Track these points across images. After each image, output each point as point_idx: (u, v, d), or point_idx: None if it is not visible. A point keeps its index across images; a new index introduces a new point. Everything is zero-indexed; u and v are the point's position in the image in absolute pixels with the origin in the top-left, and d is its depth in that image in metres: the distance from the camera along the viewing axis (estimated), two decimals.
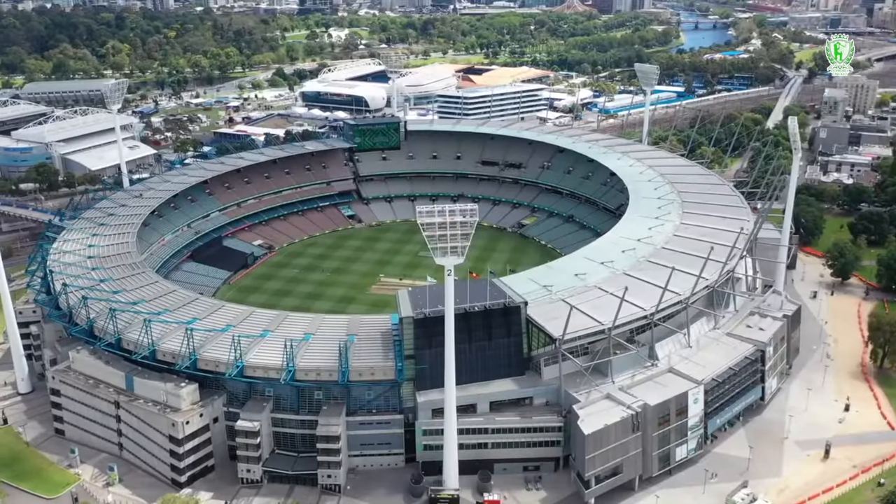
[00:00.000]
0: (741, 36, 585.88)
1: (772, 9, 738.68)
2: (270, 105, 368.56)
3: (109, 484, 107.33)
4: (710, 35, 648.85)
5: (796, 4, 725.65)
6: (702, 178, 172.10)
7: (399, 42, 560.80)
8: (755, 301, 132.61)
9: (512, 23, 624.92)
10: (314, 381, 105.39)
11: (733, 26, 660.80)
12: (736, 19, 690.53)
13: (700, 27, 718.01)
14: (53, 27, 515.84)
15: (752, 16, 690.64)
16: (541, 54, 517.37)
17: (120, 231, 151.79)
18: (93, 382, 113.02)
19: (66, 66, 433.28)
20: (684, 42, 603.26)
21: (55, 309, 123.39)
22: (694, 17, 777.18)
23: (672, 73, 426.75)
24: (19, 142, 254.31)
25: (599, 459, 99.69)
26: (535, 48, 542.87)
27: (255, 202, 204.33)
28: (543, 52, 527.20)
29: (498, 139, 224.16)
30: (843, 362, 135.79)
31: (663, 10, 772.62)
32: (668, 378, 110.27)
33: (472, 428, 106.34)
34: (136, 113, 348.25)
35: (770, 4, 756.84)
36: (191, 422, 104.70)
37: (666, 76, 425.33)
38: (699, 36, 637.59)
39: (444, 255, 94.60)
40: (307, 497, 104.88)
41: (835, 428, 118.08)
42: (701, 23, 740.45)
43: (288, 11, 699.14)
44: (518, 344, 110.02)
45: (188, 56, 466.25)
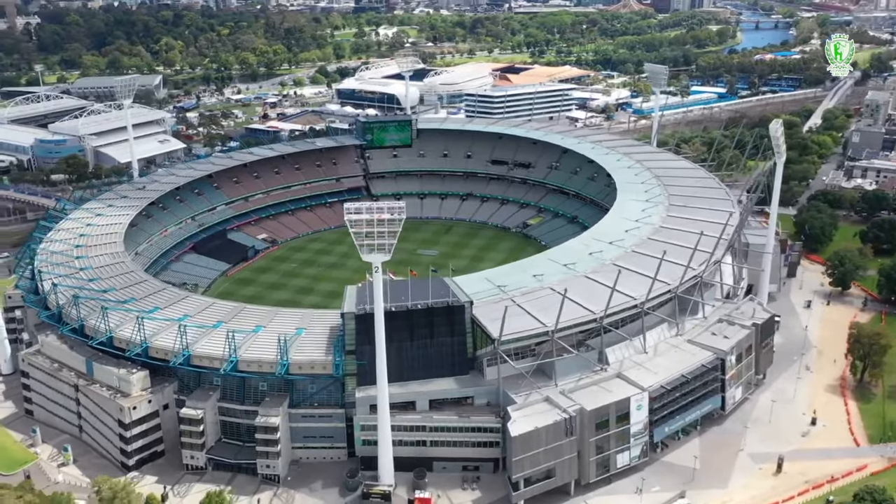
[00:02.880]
0: (801, 36, 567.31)
1: (837, 8, 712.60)
2: (307, 102, 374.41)
3: (63, 464, 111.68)
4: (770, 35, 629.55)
5: (864, 3, 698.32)
6: (699, 181, 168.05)
7: (447, 41, 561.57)
8: (727, 308, 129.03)
9: (563, 21, 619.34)
10: (256, 371, 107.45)
11: (795, 26, 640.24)
12: (798, 18, 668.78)
13: (761, 27, 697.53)
14: (114, 24, 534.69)
15: (815, 15, 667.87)
16: (587, 54, 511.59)
17: (111, 222, 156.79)
18: (58, 366, 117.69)
19: (120, 63, 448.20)
20: (740, 42, 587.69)
21: (33, 293, 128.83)
22: (756, 17, 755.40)
23: (718, 74, 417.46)
24: (55, 134, 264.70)
25: (528, 462, 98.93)
26: (583, 47, 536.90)
27: (262, 197, 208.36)
28: (591, 51, 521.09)
29: (509, 138, 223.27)
30: (823, 374, 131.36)
31: (723, 10, 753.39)
32: (615, 383, 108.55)
33: (410, 425, 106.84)
34: (177, 108, 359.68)
35: (836, 3, 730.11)
36: (138, 407, 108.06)
37: (712, 77, 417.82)
38: (758, 36, 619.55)
39: (370, 251, 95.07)
40: (247, 486, 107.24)
41: (797, 442, 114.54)
42: (762, 22, 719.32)
43: (343, 10, 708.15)
44: (462, 343, 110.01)
45: (237, 53, 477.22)
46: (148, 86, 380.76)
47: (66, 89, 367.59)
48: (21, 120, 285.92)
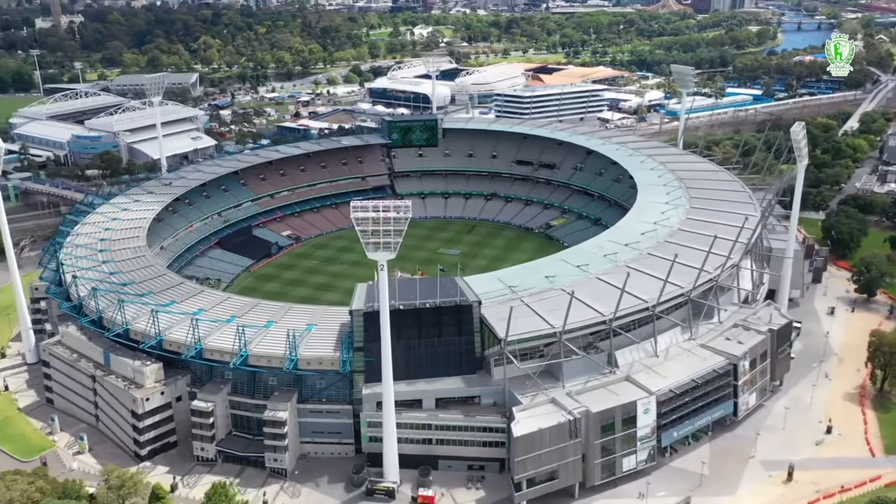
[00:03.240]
0: None
1: (883, 9, 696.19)
2: (339, 101, 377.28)
3: (79, 452, 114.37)
4: (813, 36, 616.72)
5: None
6: (722, 184, 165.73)
7: (482, 41, 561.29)
8: (743, 313, 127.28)
9: (600, 22, 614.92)
10: (265, 366, 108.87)
11: (838, 27, 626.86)
12: (842, 20, 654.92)
13: (803, 28, 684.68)
14: (155, 23, 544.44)
15: (860, 16, 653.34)
16: (623, 54, 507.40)
17: (136, 217, 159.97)
18: (77, 356, 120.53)
19: (159, 61, 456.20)
20: (781, 43, 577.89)
21: (56, 285, 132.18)
22: (798, 18, 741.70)
23: (755, 76, 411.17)
24: (91, 130, 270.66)
25: (531, 463, 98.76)
26: (619, 48, 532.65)
27: (288, 194, 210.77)
28: (626, 51, 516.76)
29: (534, 139, 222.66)
30: (842, 383, 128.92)
31: (764, 10, 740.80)
32: (623, 386, 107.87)
33: (416, 423, 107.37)
34: (211, 105, 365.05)
35: (882, 4, 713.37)
36: (151, 398, 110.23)
37: (749, 78, 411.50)
38: (799, 37, 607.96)
39: (376, 250, 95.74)
40: (255, 479, 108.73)
41: (810, 450, 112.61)
42: (805, 23, 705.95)
43: (380, 9, 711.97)
44: (470, 343, 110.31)
45: (273, 52, 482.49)
46: (184, 83, 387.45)
47: (106, 86, 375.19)
48: (59, 116, 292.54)
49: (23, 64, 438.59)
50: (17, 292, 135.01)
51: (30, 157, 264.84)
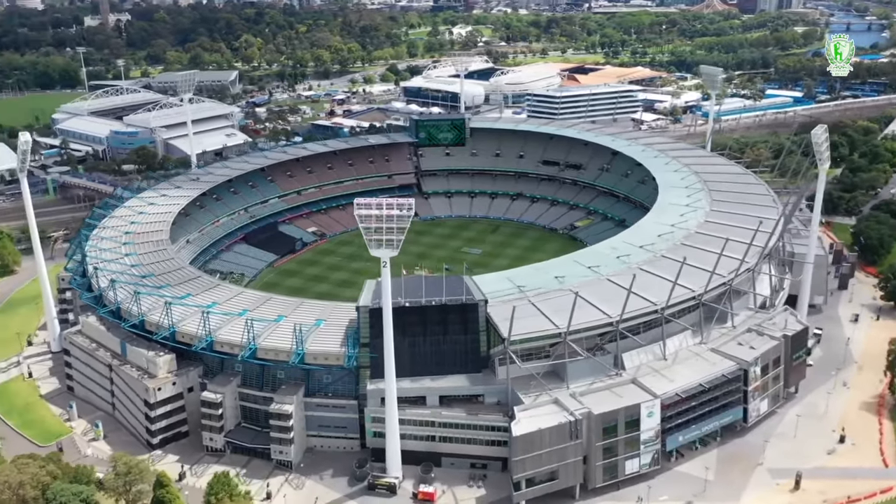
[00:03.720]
0: (894, 38, 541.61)
1: None
2: (374, 99, 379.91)
3: (94, 439, 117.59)
4: (862, 37, 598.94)
5: None
6: (747, 187, 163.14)
7: (520, 40, 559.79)
8: (759, 318, 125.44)
9: (641, 22, 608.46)
10: (273, 360, 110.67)
11: (889, 28, 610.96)
12: (893, 20, 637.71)
13: (852, 28, 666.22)
14: (199, 21, 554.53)
15: None
16: (663, 55, 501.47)
17: (161, 211, 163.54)
18: (95, 346, 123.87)
19: (201, 59, 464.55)
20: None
21: (80, 276, 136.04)
22: (848, 18, 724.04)
23: (798, 77, 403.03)
24: (128, 126, 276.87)
25: (530, 463, 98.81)
26: (659, 48, 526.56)
27: (315, 191, 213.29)
28: (667, 52, 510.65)
29: (561, 139, 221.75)
30: (861, 391, 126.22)
31: (812, 10, 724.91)
32: (628, 389, 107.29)
33: (420, 420, 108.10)
34: (249, 103, 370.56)
35: None
36: (163, 388, 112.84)
37: (791, 80, 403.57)
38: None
39: (378, 247, 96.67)
40: (261, 470, 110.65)
41: (821, 459, 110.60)
42: (854, 24, 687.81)
43: (421, 9, 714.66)
44: (475, 341, 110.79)
45: (313, 50, 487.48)
46: (223, 81, 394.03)
47: (147, 83, 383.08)
48: (100, 112, 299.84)
49: (71, 61, 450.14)
50: (43, 282, 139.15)
51: (70, 151, 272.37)
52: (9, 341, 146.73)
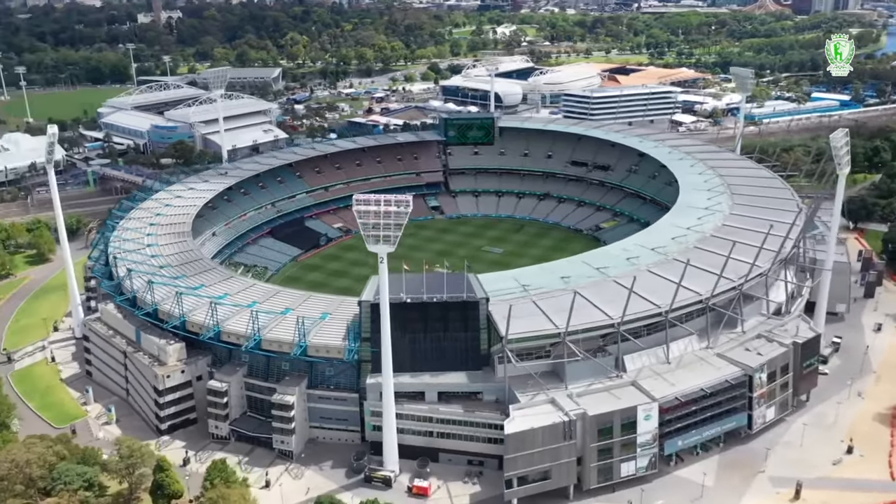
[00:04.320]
0: None
1: None
2: (413, 98, 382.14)
3: (107, 423, 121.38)
4: None
5: None
6: (772, 191, 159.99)
7: (565, 40, 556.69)
8: (771, 324, 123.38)
9: (690, 22, 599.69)
10: (276, 351, 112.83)
11: None
12: None
13: None
14: (248, 19, 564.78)
15: None
16: (710, 56, 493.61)
17: (187, 204, 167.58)
18: (112, 333, 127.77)
19: (247, 56, 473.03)
20: (884, 46, 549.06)
21: (104, 265, 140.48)
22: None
23: (848, 80, 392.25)
24: (169, 121, 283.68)
25: (522, 461, 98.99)
26: (706, 49, 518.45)
27: (342, 187, 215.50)
28: (713, 53, 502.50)
29: (589, 140, 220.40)
30: (875, 402, 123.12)
31: (870, 11, 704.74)
32: (626, 391, 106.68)
33: (418, 415, 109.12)
34: (290, 99, 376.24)
35: None
36: (172, 376, 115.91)
37: (840, 83, 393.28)
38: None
39: (376, 242, 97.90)
40: (263, 459, 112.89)
41: (826, 469, 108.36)
42: None
43: (468, 8, 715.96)
44: (476, 339, 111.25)
45: (357, 48, 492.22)
46: (266, 78, 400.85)
47: (192, 80, 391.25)
48: (143, 107, 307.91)
49: (122, 57, 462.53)
50: (69, 270, 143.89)
51: (112, 144, 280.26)
52: (36, 327, 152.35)
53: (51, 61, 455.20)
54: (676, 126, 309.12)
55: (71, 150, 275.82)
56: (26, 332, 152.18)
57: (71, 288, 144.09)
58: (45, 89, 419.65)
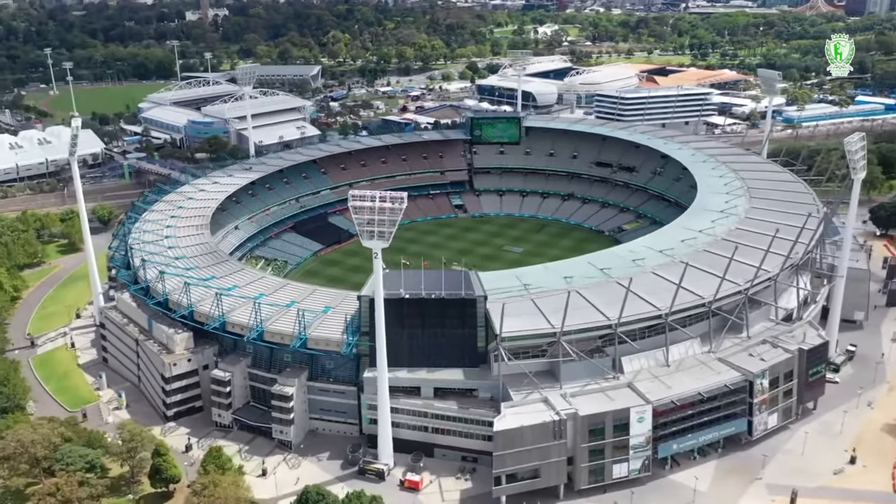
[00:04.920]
0: None
1: None
2: (449, 96, 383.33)
3: (117, 408, 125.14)
4: None
5: None
6: (794, 195, 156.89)
7: (607, 40, 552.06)
8: (778, 330, 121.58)
9: (737, 23, 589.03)
10: (278, 343, 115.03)
11: None
12: None
13: None
14: (293, 17, 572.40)
15: None
16: (754, 57, 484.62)
17: (208, 198, 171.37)
18: (127, 321, 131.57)
19: (289, 53, 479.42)
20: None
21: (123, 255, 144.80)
22: None
23: (894, 84, 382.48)
24: (205, 116, 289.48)
25: (511, 459, 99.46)
26: (750, 51, 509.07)
27: (367, 184, 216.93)
28: (758, 55, 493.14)
29: (615, 141, 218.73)
30: (885, 412, 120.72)
31: None
32: (622, 393, 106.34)
33: (413, 410, 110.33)
34: (327, 97, 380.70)
35: None
36: (178, 364, 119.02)
37: (889, 86, 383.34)
38: None
39: (370, 238, 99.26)
40: (263, 448, 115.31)
41: (826, 479, 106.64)
42: None
43: (513, 7, 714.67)
44: (473, 336, 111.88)
45: (398, 47, 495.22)
46: (304, 75, 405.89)
47: (233, 77, 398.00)
48: (182, 102, 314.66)
49: (169, 53, 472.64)
50: (90, 260, 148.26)
51: (150, 138, 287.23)
52: (61, 314, 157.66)
53: (100, 57, 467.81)
54: (711, 128, 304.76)
55: (110, 143, 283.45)
56: (51, 318, 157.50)
57: (92, 276, 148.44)
58: (93, 84, 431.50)
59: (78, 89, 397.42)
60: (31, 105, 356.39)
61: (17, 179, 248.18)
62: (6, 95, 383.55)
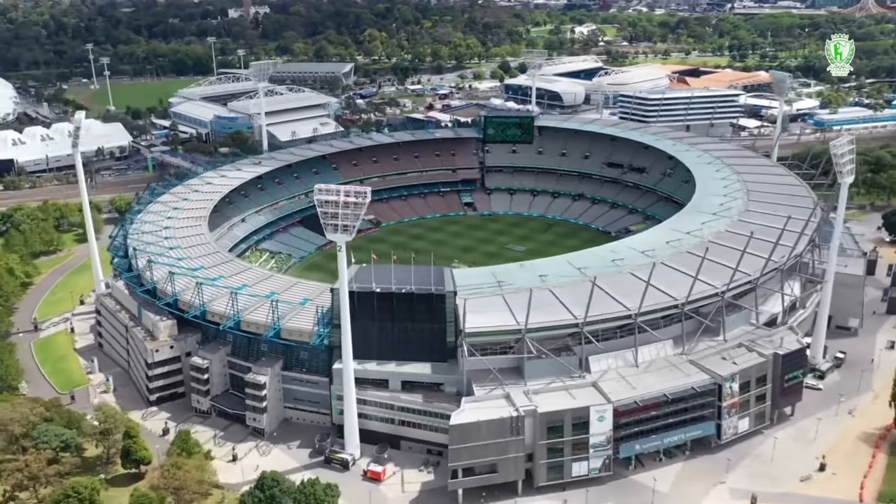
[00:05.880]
0: None
1: None
2: (478, 95, 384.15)
3: (105, 391, 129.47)
4: None
5: None
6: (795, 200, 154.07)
7: (645, 41, 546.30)
8: (757, 334, 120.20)
9: (781, 24, 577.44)
10: (254, 332, 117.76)
11: None
12: None
13: None
14: (332, 15, 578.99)
15: None
16: (795, 59, 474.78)
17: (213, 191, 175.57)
18: (119, 308, 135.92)
19: (325, 51, 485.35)
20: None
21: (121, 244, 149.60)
22: None
23: None
24: (231, 111, 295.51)
25: (467, 453, 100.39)
26: (792, 52, 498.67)
27: (378, 180, 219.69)
28: (800, 56, 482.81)
29: (626, 142, 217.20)
30: (865, 420, 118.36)
31: None
32: (585, 392, 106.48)
33: (379, 402, 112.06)
34: (356, 94, 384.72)
35: None
36: (161, 351, 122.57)
37: None
38: None
39: (335, 231, 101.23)
40: (237, 434, 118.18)
41: (792, 485, 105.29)
42: None
43: (555, 7, 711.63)
44: (442, 331, 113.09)
45: (433, 45, 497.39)
46: (336, 73, 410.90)
47: None
48: (211, 98, 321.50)
49: (209, 50, 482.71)
50: (92, 248, 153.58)
51: (177, 132, 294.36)
52: (67, 300, 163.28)
53: (142, 53, 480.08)
54: (738, 131, 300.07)
55: (139, 136, 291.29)
56: (58, 304, 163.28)
57: (94, 264, 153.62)
58: (133, 79, 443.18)
59: (118, 84, 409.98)
60: (70, 99, 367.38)
61: (47, 170, 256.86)
62: (48, 89, 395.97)
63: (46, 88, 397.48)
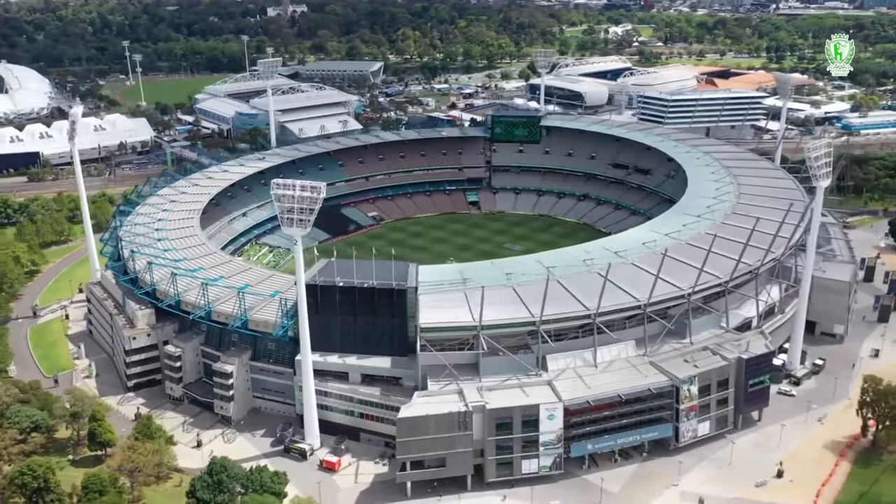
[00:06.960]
0: None
1: None
2: (503, 94, 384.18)
3: (87, 376, 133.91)
4: None
5: None
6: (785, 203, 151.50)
7: (681, 41, 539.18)
8: (726, 338, 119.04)
9: (824, 25, 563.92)
10: (223, 322, 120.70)
11: None
12: None
13: None
14: (368, 14, 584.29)
15: None
16: None
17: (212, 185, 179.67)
18: (106, 296, 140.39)
19: (358, 50, 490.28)
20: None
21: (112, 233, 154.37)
22: None
23: None
24: (252, 108, 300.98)
25: (414, 446, 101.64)
26: None
27: (383, 178, 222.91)
28: None
29: (632, 143, 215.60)
30: (835, 428, 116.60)
31: None
32: (538, 390, 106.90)
33: (339, 394, 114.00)
34: (382, 92, 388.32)
35: None
36: (138, 339, 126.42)
37: None
38: None
39: (290, 225, 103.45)
40: (206, 422, 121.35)
41: (745, 490, 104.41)
42: None
43: (595, 7, 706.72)
44: (403, 326, 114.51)
45: (466, 45, 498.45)
46: (364, 71, 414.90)
47: (296, 71, 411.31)
48: (235, 94, 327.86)
49: (244, 47, 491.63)
50: (89, 241, 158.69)
51: (200, 128, 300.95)
52: (69, 288, 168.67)
53: (180, 50, 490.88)
54: (760, 133, 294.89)
55: (162, 132, 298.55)
56: (59, 292, 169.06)
57: (90, 253, 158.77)
58: (169, 76, 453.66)
59: (153, 81, 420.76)
60: (105, 94, 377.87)
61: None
62: (85, 85, 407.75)
63: (84, 84, 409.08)
